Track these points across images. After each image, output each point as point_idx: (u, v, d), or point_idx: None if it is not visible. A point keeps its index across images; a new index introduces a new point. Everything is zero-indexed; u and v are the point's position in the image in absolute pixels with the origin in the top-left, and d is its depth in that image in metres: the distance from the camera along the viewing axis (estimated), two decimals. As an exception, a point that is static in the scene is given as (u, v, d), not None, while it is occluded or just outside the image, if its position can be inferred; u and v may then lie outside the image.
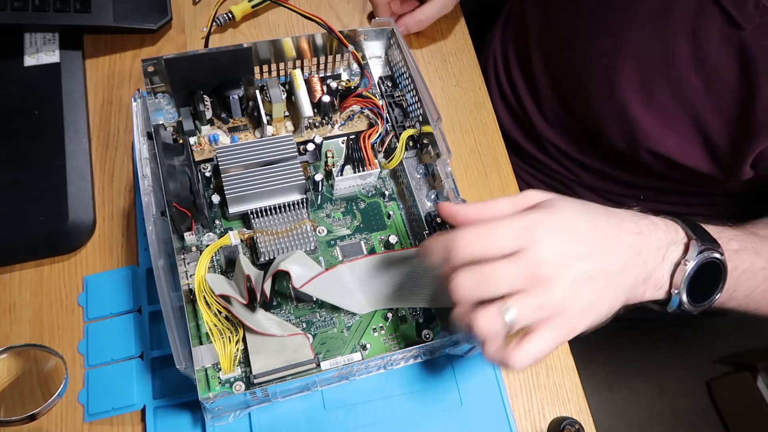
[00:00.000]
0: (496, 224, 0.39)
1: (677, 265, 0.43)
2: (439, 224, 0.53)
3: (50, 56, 0.63)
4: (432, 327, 0.51)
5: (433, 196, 0.55)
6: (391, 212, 0.56)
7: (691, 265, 0.42)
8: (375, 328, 0.51)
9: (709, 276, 0.44)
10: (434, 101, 0.53)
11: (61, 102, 0.60)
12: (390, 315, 0.51)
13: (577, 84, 0.65)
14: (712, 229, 0.46)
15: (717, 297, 0.45)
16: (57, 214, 0.55)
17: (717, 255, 0.43)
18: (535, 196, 0.42)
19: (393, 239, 0.53)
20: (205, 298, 0.47)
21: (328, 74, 0.61)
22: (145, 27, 0.64)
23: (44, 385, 0.50)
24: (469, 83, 0.69)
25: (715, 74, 0.53)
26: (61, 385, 0.49)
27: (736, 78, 0.52)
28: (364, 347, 0.50)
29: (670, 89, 0.56)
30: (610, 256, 0.40)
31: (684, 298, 0.43)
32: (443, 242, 0.39)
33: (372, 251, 0.54)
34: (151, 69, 0.53)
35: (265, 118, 0.55)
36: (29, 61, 0.62)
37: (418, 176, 0.56)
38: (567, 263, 0.39)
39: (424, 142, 0.56)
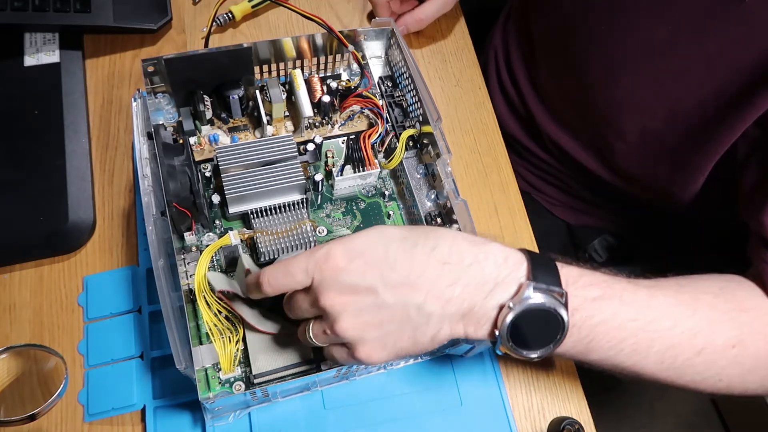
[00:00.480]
0: (291, 261, 0.40)
1: (502, 306, 0.39)
2: (439, 224, 0.53)
3: (50, 56, 0.63)
4: (432, 327, 0.51)
5: (433, 196, 0.55)
6: (391, 212, 0.56)
7: (516, 308, 0.38)
8: (375, 328, 0.51)
9: (548, 323, 0.40)
10: (434, 101, 0.53)
11: (61, 102, 0.60)
12: (390, 315, 0.51)
13: (580, 78, 0.64)
14: (574, 272, 0.42)
15: (553, 347, 0.41)
16: (57, 214, 0.55)
17: (545, 303, 0.39)
18: None
19: (393, 239, 0.53)
20: (205, 298, 0.47)
21: (328, 74, 0.61)
22: (145, 27, 0.64)
23: (44, 385, 0.50)
24: (469, 83, 0.69)
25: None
26: (61, 385, 0.49)
27: None
28: (364, 347, 0.50)
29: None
30: (403, 288, 0.38)
31: (506, 342, 0.39)
32: (254, 280, 0.42)
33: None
34: (151, 69, 0.53)
35: (265, 118, 0.55)
36: (29, 61, 0.62)
37: (418, 176, 0.56)
38: (346, 301, 0.38)
39: (424, 142, 0.56)
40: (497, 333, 0.39)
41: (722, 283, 0.47)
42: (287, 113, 0.58)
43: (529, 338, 0.40)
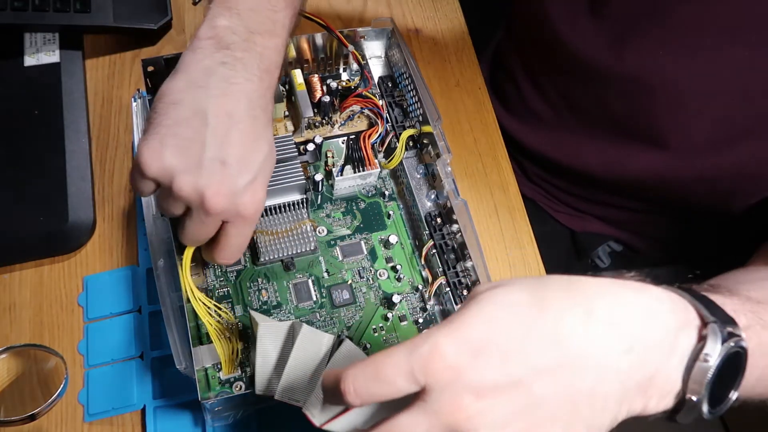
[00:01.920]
0: (384, 361, 0.29)
1: (693, 360, 0.31)
2: (439, 224, 0.53)
3: (50, 56, 0.63)
4: (432, 327, 0.51)
5: (433, 196, 0.55)
6: (391, 212, 0.56)
7: (714, 359, 0.30)
8: (375, 328, 0.51)
9: (734, 367, 0.32)
10: (434, 101, 0.53)
11: (61, 102, 0.60)
12: (390, 315, 0.51)
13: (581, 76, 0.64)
14: (717, 299, 0.34)
15: (735, 395, 0.33)
16: (57, 214, 0.55)
17: (743, 344, 0.31)
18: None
19: (393, 239, 0.53)
20: (200, 300, 0.47)
21: (328, 74, 0.61)
22: (145, 27, 0.64)
23: (44, 385, 0.50)
24: (469, 83, 0.69)
25: None
26: (61, 385, 0.49)
27: None
28: (364, 347, 0.50)
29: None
30: (564, 372, 0.28)
31: (704, 407, 0.31)
32: (332, 383, 0.30)
33: (372, 251, 0.54)
34: (151, 69, 0.53)
35: (265, 118, 0.55)
36: (29, 61, 0.62)
37: (418, 176, 0.56)
38: (486, 408, 0.28)
39: (424, 142, 0.56)
40: (692, 398, 0.31)
41: None
42: (287, 113, 0.58)
43: (715, 391, 0.31)
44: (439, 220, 0.53)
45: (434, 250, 0.52)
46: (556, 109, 0.68)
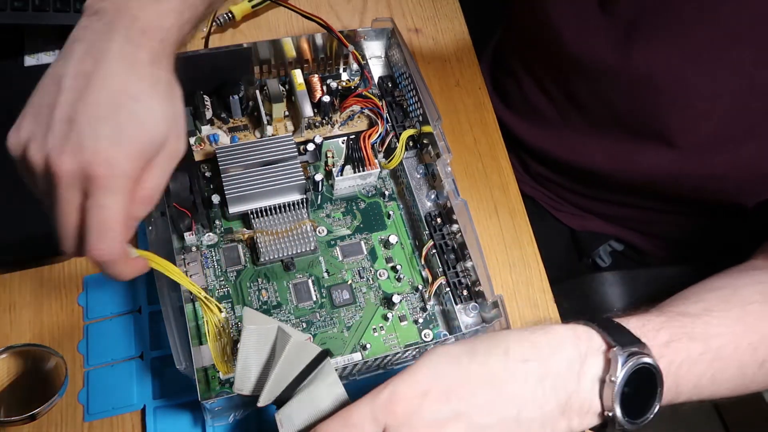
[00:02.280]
0: (351, 413, 0.34)
1: (602, 381, 0.36)
2: (439, 224, 0.53)
3: (50, 56, 0.63)
4: (432, 327, 0.51)
5: (433, 196, 0.55)
6: (391, 212, 0.56)
7: (619, 379, 0.36)
8: (375, 328, 0.51)
9: (641, 382, 0.37)
10: (434, 101, 0.53)
11: (61, 102, 0.60)
12: (390, 315, 0.51)
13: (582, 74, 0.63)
14: (634, 324, 0.40)
15: (657, 406, 0.38)
16: (57, 214, 0.55)
17: (646, 360, 0.37)
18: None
19: (393, 239, 0.53)
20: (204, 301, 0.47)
21: (328, 74, 0.61)
22: (145, 27, 0.64)
23: (44, 385, 0.50)
24: (469, 83, 0.69)
25: None
26: (61, 385, 0.49)
27: None
28: (364, 347, 0.50)
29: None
30: (496, 403, 0.35)
31: (620, 418, 0.36)
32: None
33: (372, 251, 0.54)
34: (151, 69, 0.53)
35: (265, 118, 0.55)
36: (29, 61, 0.62)
37: (418, 176, 0.56)
38: None
39: (424, 142, 0.56)
40: (609, 414, 0.36)
41: (760, 286, 0.46)
42: (287, 113, 0.58)
43: (636, 405, 0.37)
44: (439, 220, 0.53)
45: (434, 250, 0.52)
46: (560, 107, 0.68)
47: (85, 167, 0.33)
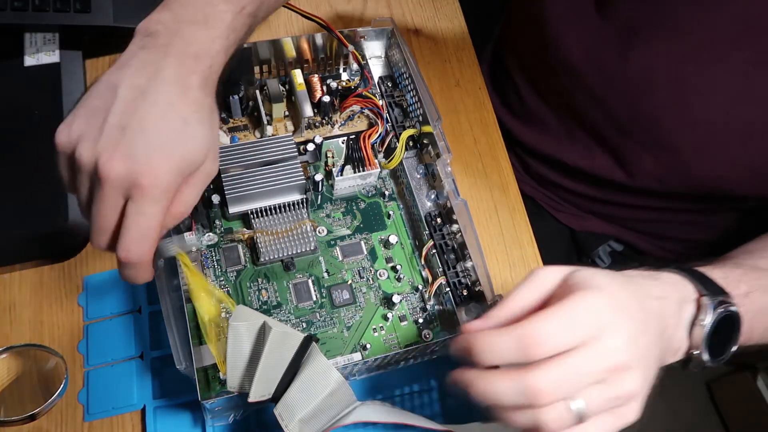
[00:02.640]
0: (568, 315, 0.35)
1: (693, 324, 0.41)
2: (439, 224, 0.53)
3: (50, 56, 0.63)
4: (432, 327, 0.51)
5: (433, 196, 0.55)
6: (391, 212, 0.56)
7: (708, 323, 0.40)
8: (375, 328, 0.51)
9: (723, 327, 0.42)
10: (434, 101, 0.53)
11: (61, 102, 0.60)
12: (390, 315, 0.51)
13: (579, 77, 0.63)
14: (718, 274, 0.44)
15: (734, 347, 0.43)
16: (57, 214, 0.55)
17: (732, 309, 0.42)
18: (550, 274, 0.37)
19: (393, 239, 0.53)
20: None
21: (328, 74, 0.61)
22: (145, 27, 0.64)
23: (44, 385, 0.50)
24: (469, 83, 0.69)
25: None
26: (61, 385, 0.49)
27: None
28: (364, 347, 0.50)
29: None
30: (652, 326, 0.38)
31: (705, 357, 0.41)
32: (513, 336, 0.34)
33: (372, 251, 0.54)
34: (151, 69, 0.53)
35: (265, 118, 0.55)
36: (29, 61, 0.62)
37: (418, 176, 0.56)
38: (637, 346, 0.36)
39: (424, 142, 0.56)
40: (695, 352, 0.41)
41: None
42: (287, 113, 0.58)
43: (716, 345, 0.42)
44: (439, 220, 0.53)
45: (434, 250, 0.52)
46: (556, 110, 0.68)
47: (132, 174, 0.36)
